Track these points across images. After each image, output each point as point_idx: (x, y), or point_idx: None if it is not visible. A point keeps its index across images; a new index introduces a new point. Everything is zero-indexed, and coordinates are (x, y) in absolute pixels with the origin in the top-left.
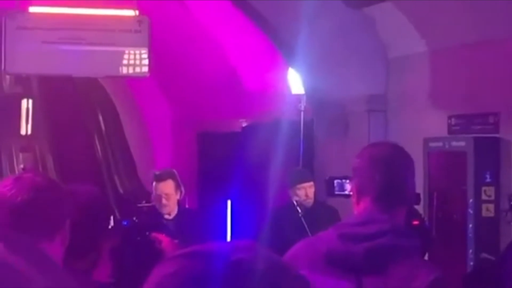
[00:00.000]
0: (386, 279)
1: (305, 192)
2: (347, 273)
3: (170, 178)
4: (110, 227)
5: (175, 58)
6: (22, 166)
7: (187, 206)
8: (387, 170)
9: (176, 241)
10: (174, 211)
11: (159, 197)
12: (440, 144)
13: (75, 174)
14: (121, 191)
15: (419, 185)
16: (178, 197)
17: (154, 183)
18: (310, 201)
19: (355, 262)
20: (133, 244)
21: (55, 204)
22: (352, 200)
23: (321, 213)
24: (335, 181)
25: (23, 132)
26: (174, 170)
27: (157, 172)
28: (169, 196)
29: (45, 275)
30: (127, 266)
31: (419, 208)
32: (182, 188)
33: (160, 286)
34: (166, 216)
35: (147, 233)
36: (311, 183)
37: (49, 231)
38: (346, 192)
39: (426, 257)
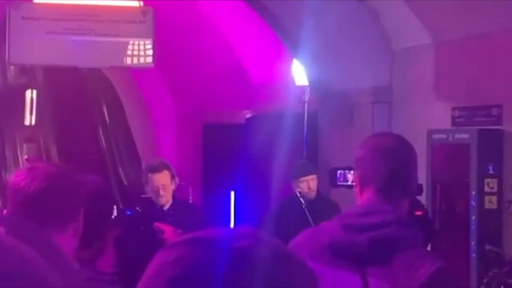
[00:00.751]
0: (389, 269)
1: (308, 184)
2: (351, 263)
3: (166, 169)
4: (113, 217)
5: (180, 49)
6: (26, 156)
7: (190, 197)
8: (391, 160)
9: (179, 230)
10: (170, 201)
11: (156, 189)
12: (444, 136)
13: (79, 165)
14: (125, 182)
15: (423, 177)
16: (173, 187)
17: (149, 175)
18: (313, 194)
19: (358, 252)
20: (136, 234)
21: (68, 194)
22: (355, 191)
23: (323, 206)
24: (338, 172)
25: (27, 122)
26: (167, 161)
27: (152, 163)
28: (166, 187)
29: (49, 260)
30: (131, 256)
31: (422, 199)
32: (177, 179)
33: (161, 273)
34: (163, 208)
35: (151, 222)
36: (314, 176)
37: (62, 221)
38: (349, 183)
39: (429, 248)
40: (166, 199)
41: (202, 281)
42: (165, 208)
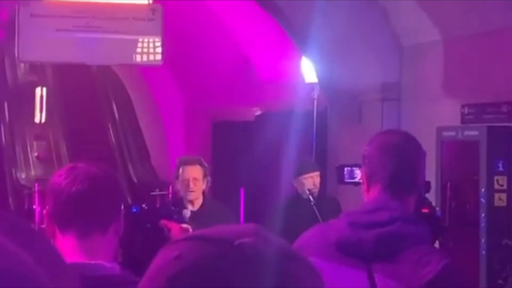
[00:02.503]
0: (396, 265)
1: (313, 181)
2: (357, 260)
3: (198, 164)
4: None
5: (189, 47)
6: (36, 154)
7: None
8: (397, 158)
9: (185, 226)
10: (199, 201)
11: (187, 182)
12: (453, 133)
13: (88, 161)
14: (134, 179)
15: (432, 174)
16: (204, 186)
17: (180, 168)
18: (316, 191)
19: (365, 249)
20: (142, 231)
21: (110, 195)
22: (362, 188)
23: (325, 203)
24: (345, 169)
25: (37, 120)
26: (202, 158)
27: (185, 157)
28: (197, 181)
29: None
30: (136, 253)
31: (432, 197)
32: (209, 178)
33: (163, 270)
34: (190, 207)
35: (157, 220)
36: (318, 172)
37: (104, 222)
38: (356, 180)
39: (437, 246)
40: (195, 195)
41: (203, 278)
42: (194, 208)
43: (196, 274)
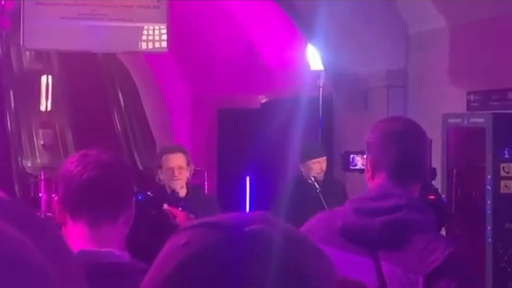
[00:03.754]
0: (402, 253)
1: (320, 166)
2: (363, 247)
3: (181, 152)
4: None
5: (194, 34)
6: (42, 142)
7: (206, 182)
8: (402, 145)
9: (191, 215)
10: (184, 190)
11: (171, 170)
12: (459, 120)
13: (99, 149)
14: (140, 167)
15: (438, 161)
16: (188, 174)
17: (163, 157)
18: (322, 175)
19: (371, 236)
20: (147, 218)
21: (121, 183)
22: (366, 175)
23: (331, 187)
24: (351, 156)
25: (43, 108)
26: (184, 146)
27: (167, 146)
28: (181, 170)
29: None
30: (142, 240)
31: (438, 184)
32: (192, 166)
33: (172, 257)
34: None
35: (162, 207)
36: (325, 158)
37: (114, 210)
38: (361, 167)
39: (443, 233)
40: (180, 184)
41: (212, 264)
42: (180, 196)
43: (205, 261)
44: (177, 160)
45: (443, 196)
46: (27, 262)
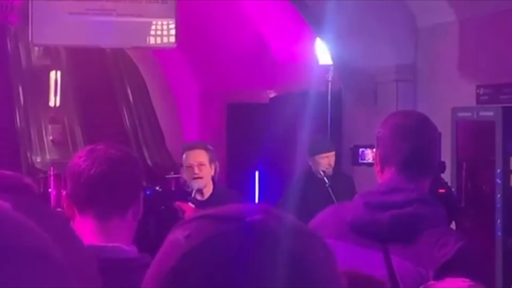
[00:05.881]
0: (412, 247)
1: (328, 161)
2: (373, 241)
3: (203, 149)
4: None
5: (202, 29)
6: (51, 137)
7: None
8: (412, 139)
9: (200, 210)
10: (208, 189)
11: (191, 167)
12: (469, 114)
13: (108, 143)
14: (149, 162)
15: (447, 155)
16: (212, 172)
17: (184, 155)
18: (330, 170)
19: (381, 231)
20: (156, 213)
21: (129, 178)
22: (376, 169)
23: (340, 181)
24: (360, 150)
25: (51, 103)
26: (207, 144)
27: (188, 142)
28: (202, 167)
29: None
30: (150, 235)
31: (447, 178)
32: (217, 164)
33: (174, 250)
34: (198, 198)
35: (171, 202)
36: (333, 152)
37: (122, 205)
38: (369, 161)
39: (453, 227)
40: (203, 182)
41: (213, 256)
42: (203, 198)
43: (207, 253)
44: (198, 157)
45: (453, 189)
46: (45, 254)
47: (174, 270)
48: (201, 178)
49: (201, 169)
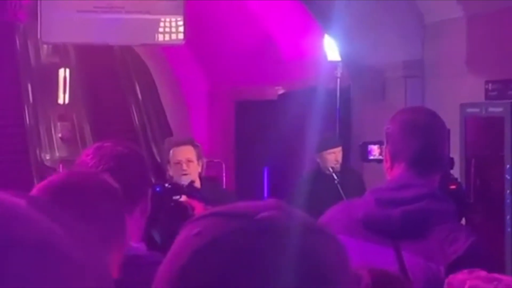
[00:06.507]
0: (423, 243)
1: (335, 157)
2: (384, 237)
3: (190, 144)
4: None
5: (211, 26)
6: (60, 135)
7: (223, 174)
8: (422, 136)
9: (209, 207)
10: (196, 185)
11: (179, 164)
12: (477, 109)
13: (115, 140)
14: (158, 159)
15: (456, 151)
16: (199, 169)
17: (171, 151)
18: (338, 166)
19: (392, 227)
20: (165, 209)
21: (136, 174)
22: (385, 166)
23: (349, 178)
24: (369, 146)
25: (60, 101)
26: (194, 139)
27: (175, 138)
28: (190, 163)
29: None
30: (160, 232)
31: (456, 173)
32: (204, 160)
33: (185, 248)
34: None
35: (180, 198)
36: (340, 148)
37: (130, 202)
38: (378, 157)
39: (463, 222)
40: (190, 179)
41: (224, 253)
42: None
43: (217, 250)
44: (186, 153)
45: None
46: (56, 248)
47: (185, 268)
48: (189, 174)
49: (189, 165)
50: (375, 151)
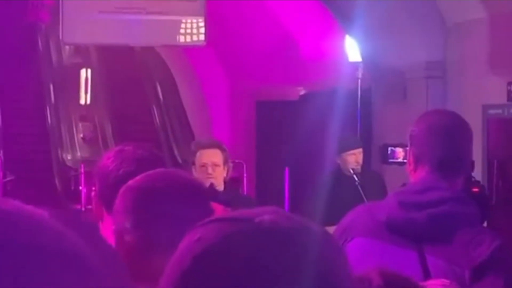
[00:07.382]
0: (448, 246)
1: (356, 158)
2: (408, 240)
3: (218, 148)
4: None
5: (232, 26)
6: (81, 135)
7: (244, 174)
8: (446, 138)
9: (229, 209)
10: (220, 188)
11: (204, 167)
12: (500, 111)
13: (136, 143)
14: (179, 160)
15: (478, 153)
16: (225, 174)
17: (197, 153)
18: (359, 167)
19: (416, 230)
20: None
21: None
22: (408, 168)
23: (370, 180)
24: (389, 148)
25: (82, 102)
26: (222, 142)
27: (202, 140)
28: (216, 167)
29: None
30: None
31: (478, 175)
32: (230, 165)
33: (187, 253)
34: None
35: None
36: (360, 149)
37: None
38: (400, 160)
39: (485, 225)
40: (215, 183)
41: (225, 258)
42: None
43: (218, 254)
44: (212, 156)
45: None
46: (83, 259)
47: (187, 273)
48: (214, 178)
49: (215, 169)
50: (399, 154)
